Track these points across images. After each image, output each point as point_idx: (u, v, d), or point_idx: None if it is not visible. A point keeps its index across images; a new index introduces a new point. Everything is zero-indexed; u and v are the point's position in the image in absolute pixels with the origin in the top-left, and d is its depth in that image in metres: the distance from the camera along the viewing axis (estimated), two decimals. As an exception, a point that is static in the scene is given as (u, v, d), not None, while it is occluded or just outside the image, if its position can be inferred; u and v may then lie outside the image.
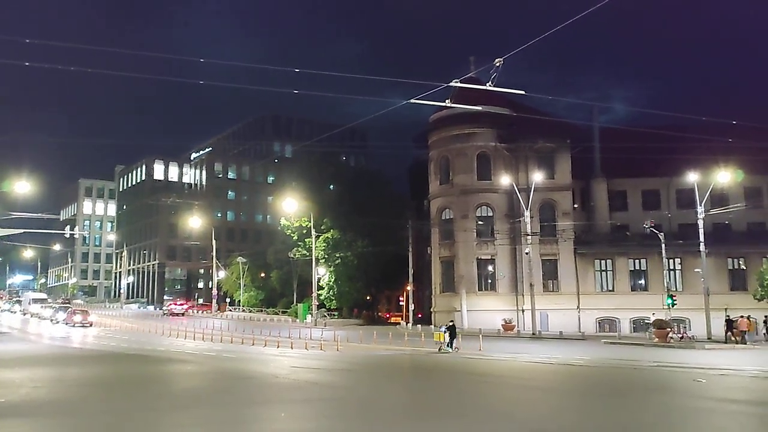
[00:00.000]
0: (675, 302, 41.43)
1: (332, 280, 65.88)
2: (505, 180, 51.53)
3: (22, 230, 63.10)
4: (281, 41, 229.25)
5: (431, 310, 57.74)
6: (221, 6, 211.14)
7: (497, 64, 21.54)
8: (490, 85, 22.94)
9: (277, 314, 72.34)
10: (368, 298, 71.57)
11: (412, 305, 57.35)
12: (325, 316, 63.00)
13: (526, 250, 49.21)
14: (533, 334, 46.21)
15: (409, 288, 58.19)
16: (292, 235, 68.25)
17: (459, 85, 24.46)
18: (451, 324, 32.55)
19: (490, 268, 55.29)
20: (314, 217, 60.87)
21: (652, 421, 12.86)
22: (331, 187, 72.46)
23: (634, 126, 47.56)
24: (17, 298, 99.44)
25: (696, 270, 46.72)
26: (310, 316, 61.39)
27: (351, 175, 79.89)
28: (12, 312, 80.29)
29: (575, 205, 55.94)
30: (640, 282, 54.09)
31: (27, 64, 22.04)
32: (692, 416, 13.95)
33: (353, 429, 11.83)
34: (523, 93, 24.62)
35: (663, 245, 45.05)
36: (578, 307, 52.76)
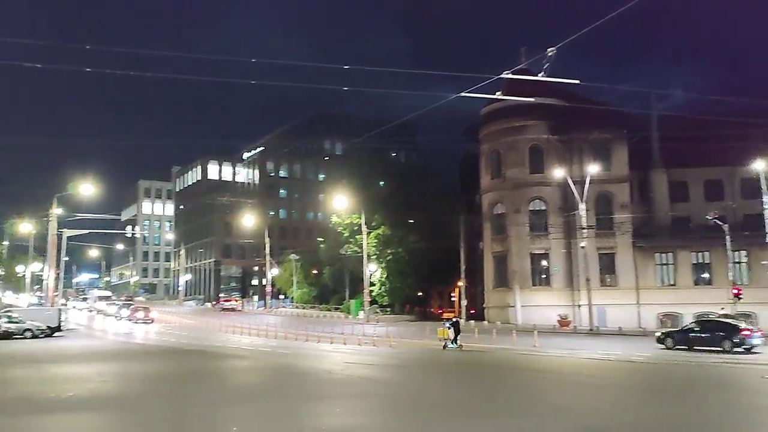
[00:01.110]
0: (741, 297, 39.83)
1: (384, 276, 65.95)
2: (558, 173, 50.41)
3: (87, 231, 65.64)
4: (330, 39, 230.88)
5: (484, 305, 57.14)
6: (270, 5, 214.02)
7: (549, 54, 21.08)
8: (542, 76, 22.51)
9: (330, 311, 72.92)
10: (420, 294, 71.35)
11: (465, 301, 56.83)
12: (377, 312, 63.13)
13: (582, 244, 48.07)
14: (590, 329, 45.17)
15: (460, 283, 57.69)
16: (343, 231, 68.61)
17: (510, 76, 24.02)
18: (455, 320, 31.48)
19: (543, 262, 54.31)
20: (365, 213, 60.99)
21: (717, 420, 12.34)
22: (382, 183, 72.47)
23: (694, 113, 45.67)
24: (84, 296, 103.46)
25: (763, 262, 44.82)
26: (362, 312, 61.63)
27: (401, 171, 79.75)
28: (79, 309, 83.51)
29: (633, 197, 54.34)
30: (703, 276, 52.11)
31: (88, 69, 22.75)
32: (760, 414, 13.31)
33: (407, 425, 11.73)
34: (578, 82, 24.01)
35: (727, 237, 43.33)
36: (638, 302, 51.21)
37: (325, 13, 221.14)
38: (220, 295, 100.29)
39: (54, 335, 40.89)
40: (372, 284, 64.01)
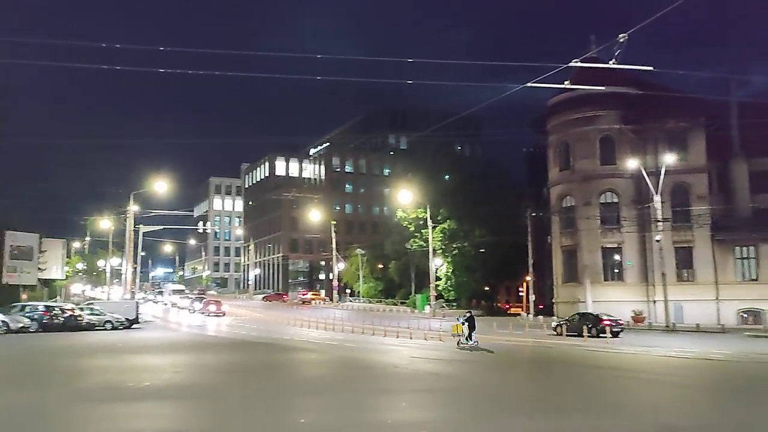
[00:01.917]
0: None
1: (450, 270, 65.58)
2: (631, 163, 48.65)
3: (162, 227, 68.27)
4: (393, 32, 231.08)
5: (553, 300, 55.97)
6: (333, 1, 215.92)
7: (621, 40, 20.29)
8: (613, 63, 21.70)
9: (396, 305, 73.10)
10: (486, 288, 70.60)
11: (533, 296, 55.82)
12: (443, 307, 62.85)
13: (657, 238, 46.26)
14: (666, 326, 43.50)
15: (528, 278, 56.70)
16: (408, 226, 68.61)
17: (579, 65, 23.31)
18: (468, 314, 28.47)
19: (616, 256, 52.67)
20: (430, 207, 60.75)
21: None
22: (447, 177, 72.03)
23: (778, 99, 43.24)
24: (159, 290, 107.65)
25: None
26: (428, 306, 61.48)
27: (467, 165, 79.05)
28: (155, 302, 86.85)
29: (711, 189, 51.93)
30: (787, 270, 49.34)
31: (161, 70, 23.53)
32: None
33: (474, 421, 11.55)
34: (651, 69, 23.02)
35: (814, 229, 40.83)
36: (717, 297, 48.94)
37: (388, 6, 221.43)
38: (280, 291, 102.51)
39: (132, 327, 42.68)
40: (438, 279, 63.77)
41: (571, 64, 22.86)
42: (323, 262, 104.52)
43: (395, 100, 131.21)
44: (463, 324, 27.64)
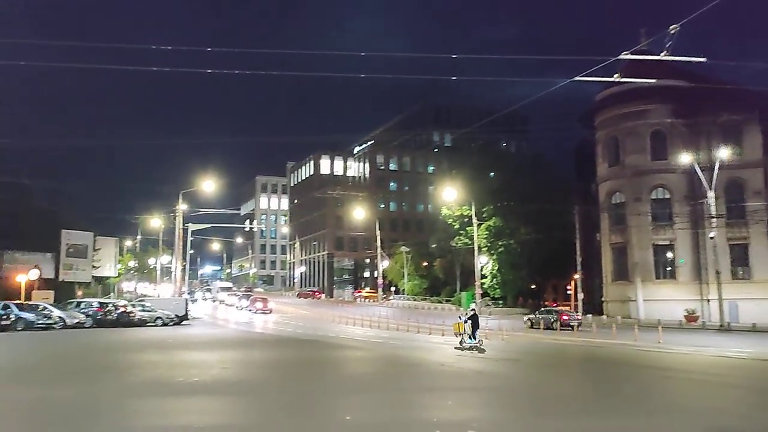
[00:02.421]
0: None
1: (495, 268, 64.93)
2: (683, 158, 47.26)
3: (209, 225, 69.56)
4: (437, 29, 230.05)
5: (602, 299, 54.88)
6: None
7: (672, 32, 19.66)
8: (664, 56, 21.04)
9: (441, 303, 72.79)
10: (533, 286, 69.65)
11: (581, 294, 54.77)
12: (489, 305, 62.27)
13: (711, 235, 44.81)
14: (721, 325, 42.10)
15: (577, 276, 55.66)
16: (453, 223, 68.21)
17: (629, 57, 22.68)
18: (472, 312, 26.50)
19: (668, 254, 51.31)
20: (475, 205, 60.24)
21: None
22: (492, 174, 71.30)
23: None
24: (207, 287, 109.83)
25: None
26: (473, 304, 60.99)
27: (512, 161, 78.19)
28: (204, 299, 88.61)
29: (767, 184, 50.00)
30: None
31: (209, 71, 23.96)
32: None
33: (521, 419, 11.35)
34: (703, 60, 22.22)
35: None
36: (774, 296, 47.23)
37: (431, 2, 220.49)
38: (314, 289, 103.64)
39: (181, 323, 43.58)
40: (483, 276, 63.23)
41: (620, 57, 22.25)
42: (368, 260, 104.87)
43: (439, 96, 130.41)
44: (465, 322, 25.91)
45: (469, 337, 25.27)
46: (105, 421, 10.48)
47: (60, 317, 36.17)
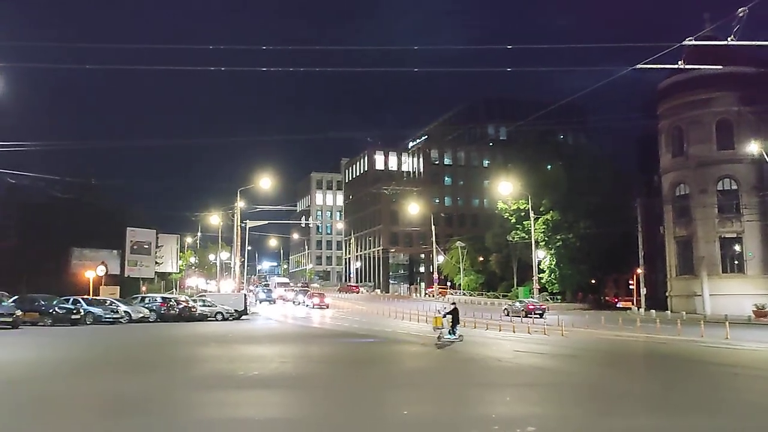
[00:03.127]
0: None
1: (553, 263, 63.83)
2: (751, 147, 45.20)
3: (266, 221, 70.74)
4: (491, 20, 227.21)
5: (666, 294, 53.19)
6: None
7: (741, 15, 18.81)
8: (731, 40, 20.14)
9: (497, 298, 72.07)
10: (593, 281, 68.14)
11: (644, 289, 53.25)
12: (548, 300, 61.30)
13: (782, 226, 42.86)
14: (794, 321, 40.23)
15: (639, 270, 54.15)
16: (509, 218, 67.37)
17: (694, 43, 21.82)
18: (453, 307, 25.99)
19: (736, 247, 49.29)
20: (532, 198, 59.31)
21: None
22: (549, 167, 70.04)
23: None
24: (265, 283, 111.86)
25: None
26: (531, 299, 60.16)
27: (570, 153, 76.50)
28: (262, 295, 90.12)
29: None
30: None
31: (264, 69, 24.21)
32: None
33: (582, 416, 11.06)
34: (775, 44, 21.22)
35: None
36: None
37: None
38: (350, 284, 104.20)
39: (241, 318, 44.49)
40: (541, 271, 62.26)
41: (684, 43, 21.41)
42: (423, 255, 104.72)
43: (494, 89, 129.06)
44: (444, 317, 25.56)
45: (449, 332, 24.86)
46: (170, 412, 10.76)
47: (126, 312, 37.42)
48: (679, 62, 24.45)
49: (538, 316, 45.45)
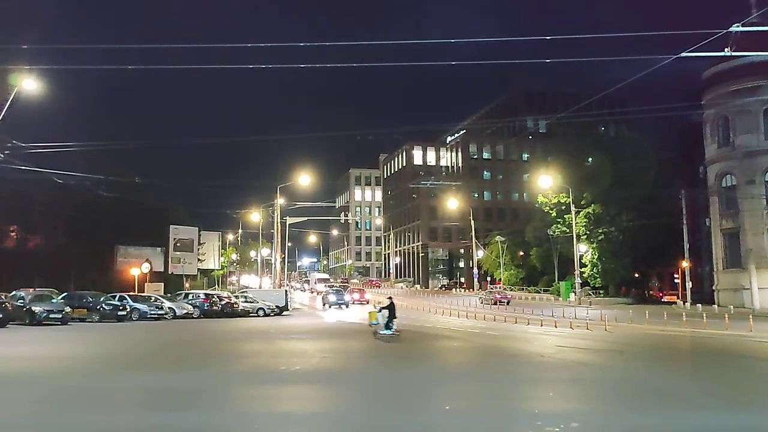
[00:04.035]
0: None
1: (595, 257, 62.76)
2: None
3: (306, 218, 71.36)
4: (529, 12, 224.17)
5: (713, 287, 51.84)
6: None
7: (790, -2, 18.17)
8: (781, 24, 19.46)
9: (538, 292, 71.29)
10: (637, 275, 66.76)
11: (689, 283, 51.96)
12: (590, 295, 60.32)
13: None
14: None
15: (684, 264, 52.84)
16: (550, 211, 66.51)
17: (741, 29, 21.13)
18: (389, 302, 25.41)
19: (786, 239, 47.71)
20: (573, 192, 58.41)
21: None
22: (590, 159, 68.83)
23: None
24: (305, 278, 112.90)
25: None
26: (573, 294, 59.30)
27: (611, 145, 74.94)
28: (302, 290, 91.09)
29: None
30: None
31: (302, 66, 24.29)
32: None
33: (629, 413, 10.83)
34: (828, 28, 20.38)
35: None
36: None
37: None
38: (372, 279, 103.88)
39: (282, 314, 44.96)
40: (583, 265, 61.28)
41: (730, 29, 20.76)
42: (462, 250, 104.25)
43: (533, 81, 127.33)
44: (379, 312, 25.37)
45: (385, 327, 24.50)
46: (215, 406, 10.94)
47: (170, 308, 38.20)
48: (726, 49, 23.75)
49: (504, 303, 54.39)
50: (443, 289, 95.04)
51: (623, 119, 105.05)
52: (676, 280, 59.24)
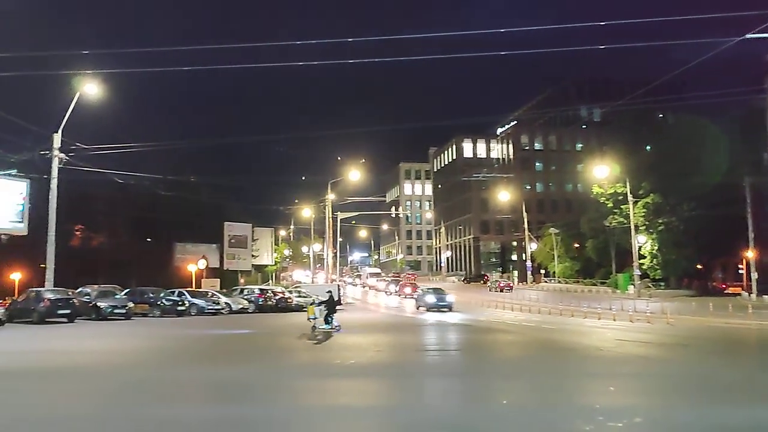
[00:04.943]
0: None
1: (655, 248, 60.99)
2: None
3: (357, 213, 71.83)
4: None
5: (781, 278, 49.67)
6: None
7: None
8: None
9: (595, 285, 69.82)
10: (699, 266, 64.60)
11: (755, 273, 49.92)
12: (649, 287, 58.68)
13: None
14: None
15: (749, 254, 50.81)
16: (606, 202, 64.97)
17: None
18: (329, 295, 25.59)
19: None
20: (630, 181, 56.86)
21: None
22: (648, 148, 66.85)
23: None
24: (357, 273, 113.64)
25: None
26: (631, 286, 57.82)
27: (670, 133, 72.63)
28: (354, 285, 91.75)
29: None
30: None
31: (351, 61, 24.26)
32: None
33: (693, 409, 10.43)
34: None
35: None
36: None
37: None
38: (413, 273, 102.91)
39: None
40: (642, 257, 59.65)
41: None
42: (515, 243, 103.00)
43: (586, 69, 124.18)
44: (317, 306, 25.39)
45: (325, 322, 24.31)
46: (272, 399, 11.07)
47: (227, 303, 39.01)
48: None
49: (509, 290, 66.02)
50: (467, 282, 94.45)
51: (683, 105, 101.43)
52: (740, 271, 57.09)
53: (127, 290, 37.38)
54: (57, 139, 32.33)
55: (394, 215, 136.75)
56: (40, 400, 10.90)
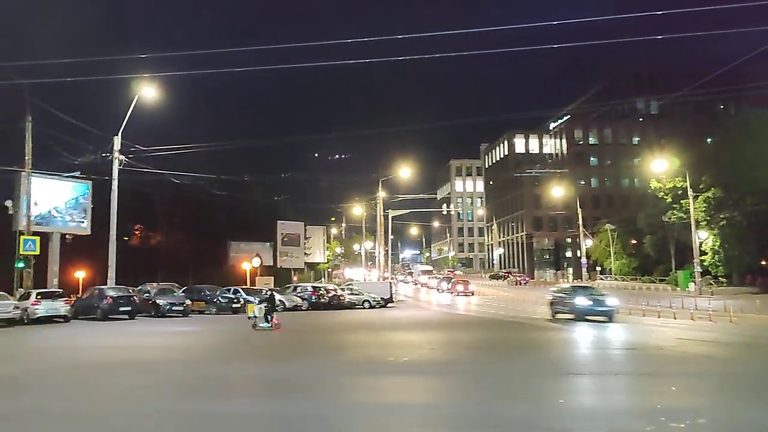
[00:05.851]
0: None
1: (717, 244, 58.80)
2: None
3: (408, 210, 71.79)
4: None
5: None
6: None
7: None
8: None
9: (653, 282, 67.89)
10: (763, 263, 61.98)
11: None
12: (711, 284, 56.65)
13: None
14: None
15: (818, 250, 48.51)
16: (664, 197, 63.02)
17: None
18: (269, 294, 26.27)
19: None
20: (690, 175, 55.00)
21: None
22: (708, 140, 64.52)
23: None
24: (408, 270, 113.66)
25: None
26: (692, 284, 55.94)
27: (732, 124, 69.95)
28: (405, 282, 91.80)
29: None
30: None
31: (401, 58, 24.35)
32: None
33: (761, 410, 10.01)
34: None
35: None
36: None
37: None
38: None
39: (387, 306, 45.46)
40: (703, 253, 57.63)
41: None
42: (569, 240, 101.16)
43: (642, 61, 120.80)
44: (257, 305, 25.95)
45: (265, 320, 24.60)
46: (326, 395, 11.18)
47: (281, 301, 39.55)
48: None
49: (523, 284, 71.90)
50: (490, 279, 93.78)
51: (744, 96, 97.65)
52: (808, 267, 54.55)
53: (185, 288, 38.37)
54: (117, 141, 33.48)
55: (445, 212, 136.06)
56: (123, 393, 11.42)
